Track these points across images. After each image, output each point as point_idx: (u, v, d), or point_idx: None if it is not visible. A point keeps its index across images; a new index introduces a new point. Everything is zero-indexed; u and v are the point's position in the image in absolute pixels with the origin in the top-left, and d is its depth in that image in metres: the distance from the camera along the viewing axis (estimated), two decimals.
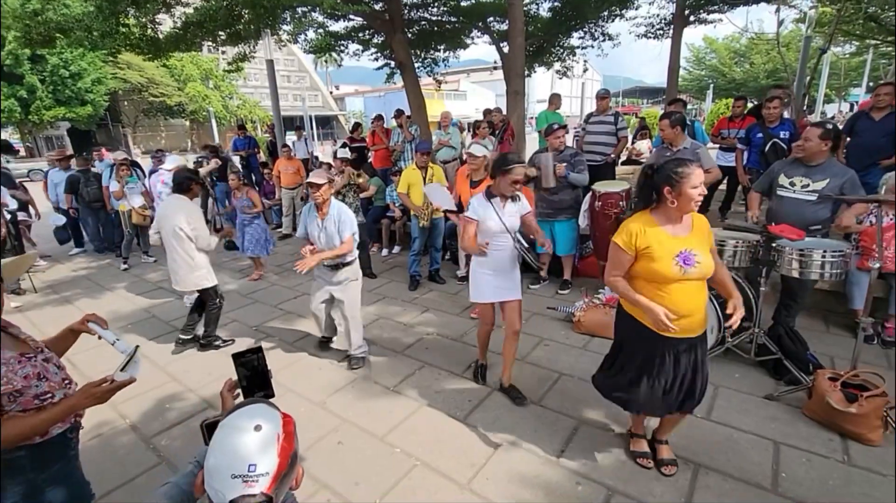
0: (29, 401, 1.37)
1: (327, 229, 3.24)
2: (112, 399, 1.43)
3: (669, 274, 1.90)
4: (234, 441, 0.81)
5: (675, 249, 1.91)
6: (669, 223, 1.97)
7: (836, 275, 2.77)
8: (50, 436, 1.44)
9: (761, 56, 24.03)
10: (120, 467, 2.47)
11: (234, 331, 4.20)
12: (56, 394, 1.43)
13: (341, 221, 3.25)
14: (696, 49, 28.18)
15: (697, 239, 1.98)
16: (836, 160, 3.18)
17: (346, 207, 3.35)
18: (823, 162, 3.02)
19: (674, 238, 1.94)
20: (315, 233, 3.28)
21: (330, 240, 3.25)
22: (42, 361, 1.45)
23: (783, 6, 7.76)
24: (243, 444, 0.80)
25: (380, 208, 6.45)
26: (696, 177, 1.87)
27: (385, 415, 2.86)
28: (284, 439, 0.84)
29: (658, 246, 1.92)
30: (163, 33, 7.37)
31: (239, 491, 0.77)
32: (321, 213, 3.26)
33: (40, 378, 1.41)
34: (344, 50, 9.55)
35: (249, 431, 0.82)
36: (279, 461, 0.81)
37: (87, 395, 1.38)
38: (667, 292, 1.95)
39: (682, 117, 3.98)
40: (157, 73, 26.79)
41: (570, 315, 3.93)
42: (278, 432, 0.84)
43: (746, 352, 3.10)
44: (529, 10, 9.56)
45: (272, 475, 0.80)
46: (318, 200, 3.20)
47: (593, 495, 2.19)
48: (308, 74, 44.29)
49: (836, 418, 2.46)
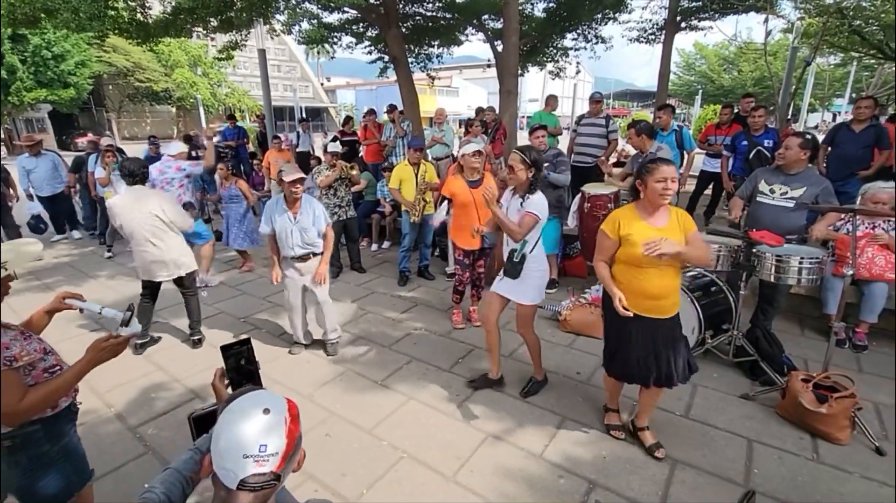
0: (39, 374, 1.44)
1: (301, 223, 3.24)
2: (97, 387, 1.49)
3: (644, 258, 2.12)
4: (245, 424, 0.84)
5: (651, 237, 2.12)
6: (648, 214, 2.23)
7: (812, 280, 2.88)
8: (59, 408, 1.52)
9: (749, 64, 24.43)
10: (106, 456, 2.46)
11: (222, 322, 4.18)
12: (63, 367, 1.48)
13: (316, 215, 3.28)
14: (687, 55, 28.52)
15: (674, 230, 2.20)
16: (815, 170, 3.29)
17: (315, 199, 3.40)
18: (802, 171, 3.13)
19: (652, 228, 2.19)
20: (287, 227, 3.24)
21: (304, 233, 3.26)
22: (38, 339, 1.49)
23: (772, 16, 7.92)
24: (253, 427, 0.84)
25: (370, 203, 6.45)
26: (660, 172, 2.12)
27: (373, 408, 2.90)
28: (291, 422, 0.88)
29: (637, 233, 2.18)
30: (152, 18, 7.23)
31: (251, 470, 0.81)
32: (294, 207, 3.25)
33: (47, 352, 1.47)
34: (337, 42, 9.47)
35: (258, 414, 0.86)
36: (287, 442, 0.86)
37: (100, 349, 1.45)
38: (642, 275, 2.20)
39: (647, 125, 4.37)
40: (144, 57, 26.22)
41: (556, 314, 4.00)
42: (285, 415, 0.88)
43: (725, 353, 3.20)
44: (524, 10, 9.61)
45: (281, 455, 0.84)
46: (299, 195, 3.22)
47: (574, 488, 2.26)
48: (299, 65, 43.77)
49: (808, 418, 2.56)
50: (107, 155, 5.88)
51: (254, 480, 0.81)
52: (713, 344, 3.24)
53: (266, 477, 0.82)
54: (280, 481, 0.85)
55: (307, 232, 3.26)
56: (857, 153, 4.60)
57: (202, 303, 4.57)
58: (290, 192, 3.19)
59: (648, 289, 2.20)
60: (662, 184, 2.12)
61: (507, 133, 6.93)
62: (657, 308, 2.23)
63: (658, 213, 2.22)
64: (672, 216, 2.25)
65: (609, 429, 2.62)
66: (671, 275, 2.21)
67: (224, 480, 0.82)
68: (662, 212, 2.23)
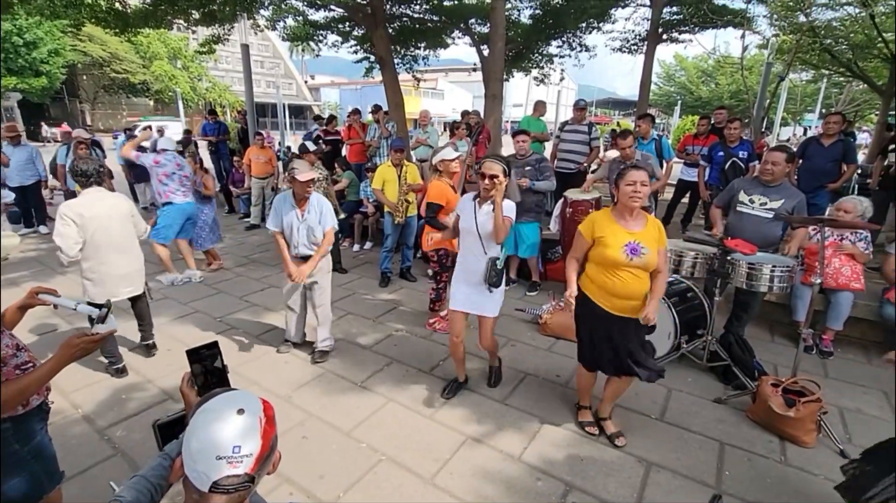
0: (10, 371, 1.40)
1: (308, 221, 3.20)
2: (63, 388, 1.46)
3: (618, 259, 2.26)
4: (219, 424, 0.82)
5: (624, 240, 2.27)
6: (622, 219, 2.33)
7: (782, 288, 2.98)
8: (30, 406, 1.49)
9: (726, 77, 25.20)
10: (72, 458, 2.37)
11: (198, 322, 4.08)
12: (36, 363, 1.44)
13: (323, 213, 3.24)
14: (667, 66, 29.27)
15: (648, 235, 2.31)
16: (789, 182, 3.40)
17: (325, 198, 3.33)
18: (781, 183, 3.23)
19: (626, 231, 2.30)
20: (295, 224, 3.20)
21: (311, 232, 3.22)
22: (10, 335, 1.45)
23: (748, 32, 8.19)
24: (227, 427, 0.82)
25: (353, 203, 6.40)
26: (629, 176, 2.23)
27: (352, 410, 2.87)
28: (266, 422, 0.86)
29: (611, 235, 2.30)
30: (131, 8, 7.05)
31: (224, 471, 0.79)
32: (301, 206, 3.21)
33: (19, 349, 1.44)
34: (323, 40, 9.42)
35: (233, 415, 0.83)
36: (262, 443, 0.84)
37: (72, 346, 1.39)
38: (613, 275, 2.32)
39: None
40: (121, 48, 25.51)
41: (536, 317, 4.04)
42: (260, 416, 0.86)
43: (699, 358, 3.28)
44: (511, 16, 9.70)
45: (255, 456, 0.82)
46: (308, 194, 3.18)
47: (552, 490, 2.28)
48: (283, 62, 43.23)
49: (776, 421, 2.65)
50: (79, 147, 5.70)
51: (227, 482, 0.79)
52: (688, 349, 3.32)
53: (240, 478, 0.80)
54: (254, 483, 0.83)
55: (314, 231, 3.21)
56: (826, 166, 4.79)
57: (175, 301, 4.47)
58: (304, 191, 3.14)
59: (620, 290, 2.31)
60: (632, 187, 2.21)
61: (490, 137, 6.98)
62: (627, 307, 2.35)
63: (633, 218, 2.32)
64: (649, 224, 2.34)
65: (583, 426, 2.70)
66: (640, 279, 2.32)
67: (196, 483, 0.80)
68: (638, 217, 2.33)
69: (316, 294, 3.39)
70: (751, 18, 8.52)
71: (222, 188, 8.22)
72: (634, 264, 2.26)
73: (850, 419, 2.88)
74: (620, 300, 2.34)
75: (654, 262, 2.30)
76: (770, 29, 8.55)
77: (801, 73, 16.17)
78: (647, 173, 2.27)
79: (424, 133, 7.00)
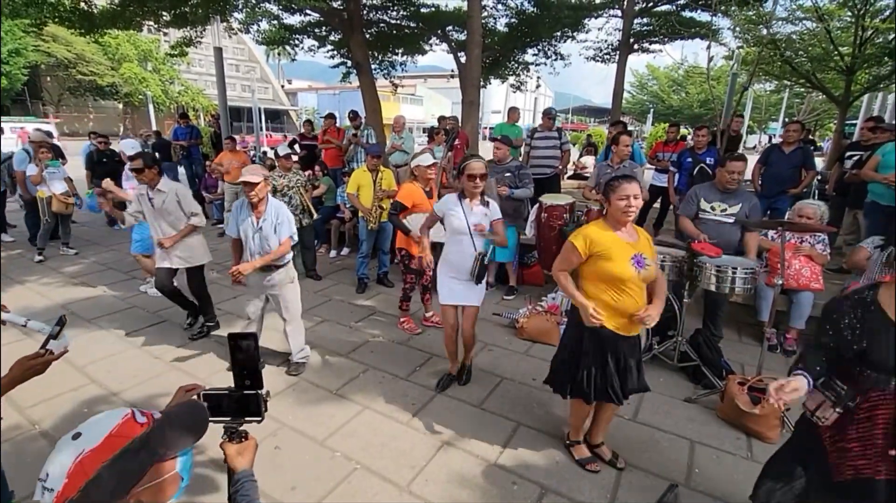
0: None
1: (263, 230, 3.07)
2: (19, 403, 1.36)
3: (626, 273, 2.08)
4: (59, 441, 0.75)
5: (629, 252, 2.11)
6: (618, 231, 2.17)
7: (746, 289, 3.09)
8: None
9: (695, 87, 26.10)
10: (28, 477, 2.24)
11: (167, 331, 3.96)
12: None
13: (279, 222, 3.09)
14: (640, 75, 30.12)
15: (645, 246, 2.20)
16: (745, 187, 3.54)
17: (285, 206, 3.20)
18: (737, 189, 3.37)
19: (626, 243, 2.14)
20: (249, 233, 3.10)
21: (265, 241, 3.08)
22: None
23: (714, 43, 8.52)
24: (54, 450, 0.74)
25: (329, 208, 6.34)
26: (622, 189, 2.09)
27: (326, 418, 2.82)
28: (88, 456, 0.73)
29: (614, 247, 2.11)
30: (98, 8, 6.84)
31: (36, 496, 0.72)
32: (257, 211, 3.10)
33: None
34: (299, 44, 9.33)
35: (68, 437, 0.76)
36: (66, 482, 0.70)
37: (26, 368, 1.32)
38: (621, 292, 2.12)
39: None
40: (88, 49, 24.69)
41: (513, 321, 4.06)
42: (86, 447, 0.74)
43: (670, 358, 3.36)
44: (487, 24, 9.83)
45: (56, 494, 0.70)
46: (255, 199, 3.04)
47: (527, 494, 2.28)
48: (259, 66, 42.64)
49: (743, 419, 2.73)
50: (41, 151, 5.47)
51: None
52: (659, 350, 3.40)
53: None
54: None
55: (268, 240, 3.08)
56: (787, 172, 4.99)
57: (142, 310, 4.33)
58: (247, 195, 3.04)
59: (630, 306, 2.12)
60: (625, 201, 2.07)
61: (468, 142, 7.03)
62: (627, 325, 2.18)
63: (629, 230, 2.20)
64: (640, 234, 2.24)
65: (584, 465, 2.46)
66: (643, 293, 2.19)
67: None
68: (630, 228, 2.21)
69: (282, 307, 3.25)
70: (716, 30, 8.87)
71: (195, 194, 8.01)
72: (641, 277, 2.11)
73: None
74: (626, 319, 2.14)
75: (654, 274, 2.18)
76: (734, 41, 8.92)
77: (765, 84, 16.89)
78: (639, 185, 2.12)
79: (400, 139, 7.00)
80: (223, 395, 1.10)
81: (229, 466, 1.09)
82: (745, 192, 3.39)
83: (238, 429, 1.12)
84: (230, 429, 1.11)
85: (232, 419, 1.11)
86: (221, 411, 1.10)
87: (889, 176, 4.16)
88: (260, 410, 1.11)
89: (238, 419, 1.11)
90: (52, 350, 1.37)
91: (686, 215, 3.63)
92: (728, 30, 8.99)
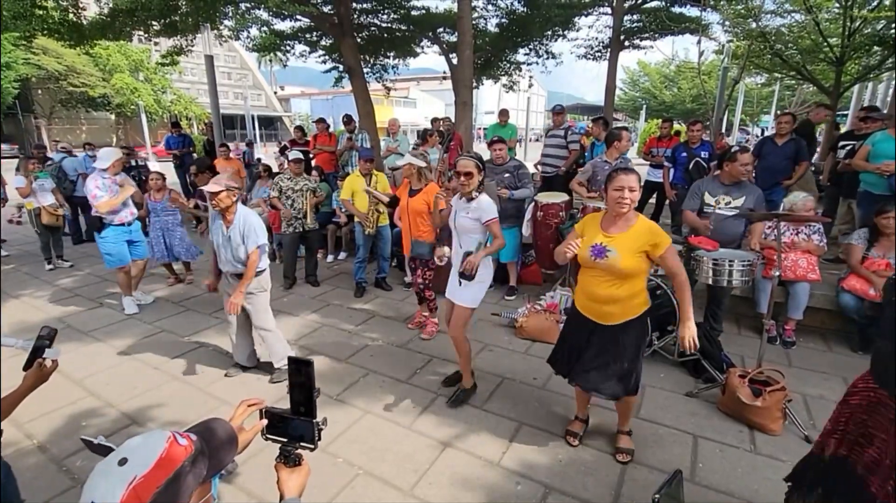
0: None
1: (231, 239, 3.02)
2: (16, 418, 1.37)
3: (583, 257, 2.26)
4: (97, 470, 0.73)
5: (594, 241, 2.23)
6: (607, 222, 2.28)
7: (744, 282, 3.08)
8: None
9: (687, 82, 26.17)
10: (26, 491, 2.22)
11: (164, 342, 3.93)
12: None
13: (246, 234, 2.99)
14: (632, 72, 30.20)
15: (627, 240, 2.18)
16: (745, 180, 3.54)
17: (254, 215, 3.08)
18: (741, 182, 3.37)
19: (601, 234, 2.25)
20: (219, 240, 3.07)
21: (234, 250, 3.03)
22: None
23: (704, 38, 8.54)
24: (95, 476, 0.72)
25: (325, 214, 6.31)
26: (617, 181, 2.16)
27: (328, 424, 2.80)
28: (140, 482, 0.72)
29: (588, 233, 2.30)
30: (87, 19, 6.81)
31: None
32: (226, 220, 3.03)
33: None
34: (290, 50, 9.30)
35: (113, 463, 0.73)
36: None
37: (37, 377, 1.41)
38: (584, 274, 2.35)
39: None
40: (79, 60, 24.52)
41: (512, 321, 4.05)
42: (137, 474, 0.72)
43: (670, 353, 3.36)
44: (478, 25, 9.83)
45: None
46: (218, 207, 2.98)
47: (531, 493, 2.27)
48: (251, 73, 42.53)
49: (745, 411, 2.72)
50: (29, 163, 5.45)
51: None
52: (659, 345, 3.39)
53: None
54: None
55: (237, 250, 3.02)
56: (781, 164, 5.00)
57: (140, 321, 4.30)
58: (210, 204, 3.01)
59: (592, 290, 2.29)
60: (619, 192, 2.13)
61: (462, 143, 7.03)
62: (598, 312, 2.30)
63: (619, 222, 2.20)
64: (633, 229, 2.19)
65: (566, 435, 2.64)
66: (612, 283, 2.21)
67: None
68: (624, 221, 2.20)
69: (252, 317, 3.21)
70: (706, 25, 8.88)
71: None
72: (597, 265, 2.21)
73: (814, 405, 2.99)
74: (596, 304, 2.28)
75: (622, 268, 2.14)
76: (724, 35, 8.96)
77: (756, 77, 16.97)
78: (636, 177, 2.16)
79: (395, 142, 6.99)
80: (286, 417, 1.13)
81: (280, 490, 1.10)
82: (747, 185, 3.39)
83: (292, 453, 1.13)
84: (285, 451, 1.13)
85: (287, 442, 1.12)
86: (278, 431, 1.12)
87: (881, 165, 4.17)
88: (314, 438, 1.12)
89: (293, 443, 1.13)
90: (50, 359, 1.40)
91: (693, 209, 3.64)
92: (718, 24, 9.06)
